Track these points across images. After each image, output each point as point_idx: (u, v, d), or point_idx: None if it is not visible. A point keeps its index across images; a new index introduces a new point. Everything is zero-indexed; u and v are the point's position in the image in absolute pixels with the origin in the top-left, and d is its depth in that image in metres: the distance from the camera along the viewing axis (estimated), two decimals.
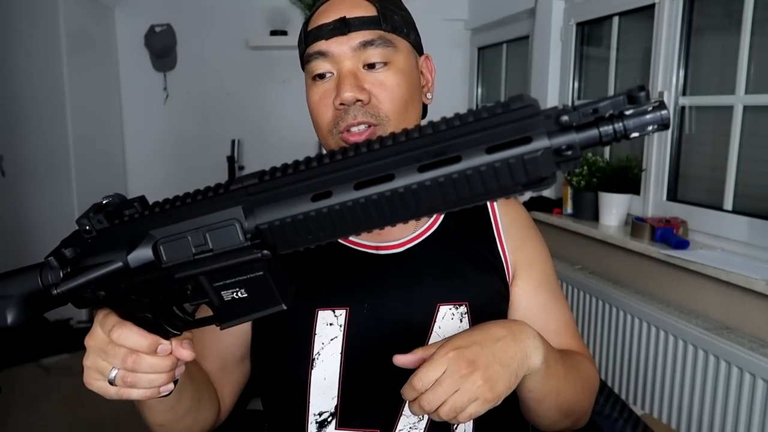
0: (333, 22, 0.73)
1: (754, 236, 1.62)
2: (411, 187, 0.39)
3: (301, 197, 0.42)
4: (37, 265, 0.52)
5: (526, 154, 0.37)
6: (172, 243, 0.46)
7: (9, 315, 0.51)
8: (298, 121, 3.57)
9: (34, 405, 2.45)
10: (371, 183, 0.40)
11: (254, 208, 0.44)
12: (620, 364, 1.88)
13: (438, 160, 0.38)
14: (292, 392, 0.78)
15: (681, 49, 1.90)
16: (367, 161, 0.40)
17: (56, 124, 3.07)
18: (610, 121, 0.37)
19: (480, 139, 0.38)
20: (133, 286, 0.49)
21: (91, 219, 0.49)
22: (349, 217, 0.41)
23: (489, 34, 3.25)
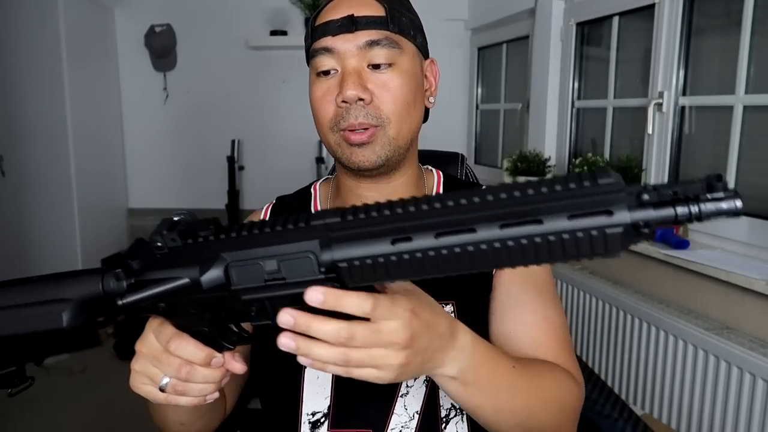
0: (341, 19, 0.73)
1: (754, 236, 1.62)
2: (492, 243, 0.41)
3: (382, 239, 0.43)
4: (98, 270, 0.53)
5: (608, 227, 0.39)
6: (243, 267, 0.48)
7: (65, 317, 0.52)
8: (298, 121, 3.58)
9: (34, 405, 2.45)
10: (453, 233, 0.42)
11: (333, 243, 0.45)
12: (620, 364, 1.88)
13: (522, 221, 0.40)
14: (286, 391, 0.79)
15: (681, 49, 1.90)
16: (450, 213, 0.42)
17: (56, 124, 3.08)
18: (686, 202, 0.39)
19: (564, 206, 0.40)
20: (197, 302, 0.50)
21: (165, 237, 0.51)
22: (427, 263, 0.43)
23: (489, 34, 3.25)
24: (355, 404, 0.76)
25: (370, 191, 0.82)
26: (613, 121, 2.32)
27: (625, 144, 2.27)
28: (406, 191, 0.83)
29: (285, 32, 3.44)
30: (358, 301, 0.47)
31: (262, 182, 3.65)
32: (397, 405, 0.76)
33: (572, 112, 2.55)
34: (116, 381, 2.68)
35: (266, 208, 0.91)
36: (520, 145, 2.92)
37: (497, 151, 3.28)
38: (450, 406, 0.77)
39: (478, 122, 3.51)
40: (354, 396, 0.76)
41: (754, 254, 1.62)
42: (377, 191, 0.81)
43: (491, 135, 3.39)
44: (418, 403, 0.76)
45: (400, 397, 0.76)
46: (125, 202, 3.70)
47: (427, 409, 0.76)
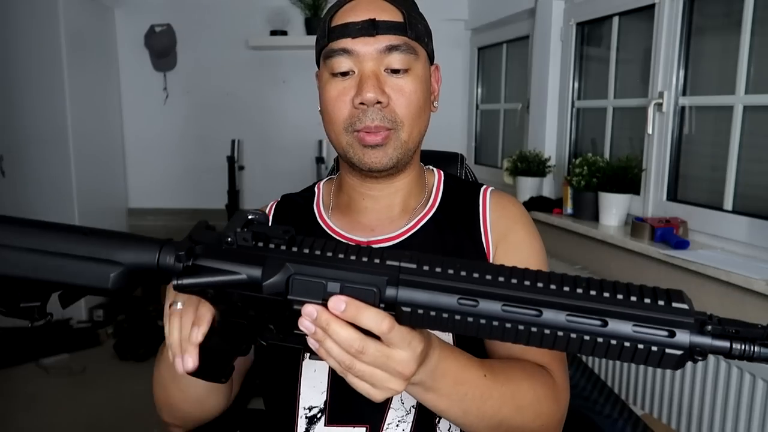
0: (362, 22, 0.74)
1: (754, 236, 1.62)
2: (556, 330, 0.43)
3: (450, 295, 0.46)
4: (157, 241, 0.54)
5: (668, 347, 0.42)
6: (305, 282, 0.49)
7: (112, 279, 0.53)
8: (298, 121, 3.59)
9: (34, 405, 2.45)
10: (519, 308, 0.44)
11: (400, 285, 0.47)
12: (620, 364, 1.88)
13: (586, 316, 0.43)
14: (284, 384, 0.80)
15: (681, 49, 1.90)
16: (522, 289, 0.44)
17: (56, 123, 3.08)
18: (743, 341, 0.42)
19: (632, 315, 0.42)
20: (246, 298, 0.51)
21: (238, 235, 0.51)
22: (485, 328, 0.45)
23: (489, 34, 3.25)
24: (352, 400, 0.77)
25: (372, 190, 0.83)
26: (613, 121, 2.32)
27: (625, 144, 2.27)
28: (408, 191, 0.84)
29: (285, 32, 3.43)
30: (378, 318, 0.49)
31: (262, 182, 3.65)
32: (393, 400, 0.77)
33: (572, 112, 2.55)
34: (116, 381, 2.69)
35: (271, 206, 0.92)
36: (520, 145, 2.93)
37: (497, 151, 3.28)
38: None
39: (478, 122, 3.51)
40: (350, 392, 0.76)
41: (754, 254, 1.62)
42: (379, 191, 0.83)
43: (491, 135, 3.39)
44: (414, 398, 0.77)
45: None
46: (125, 202, 3.70)
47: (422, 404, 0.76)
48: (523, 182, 2.56)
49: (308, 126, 3.56)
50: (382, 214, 0.84)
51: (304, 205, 0.89)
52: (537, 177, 2.55)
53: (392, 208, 0.84)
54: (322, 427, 0.77)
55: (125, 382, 2.61)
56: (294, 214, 0.89)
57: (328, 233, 0.84)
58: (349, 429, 0.77)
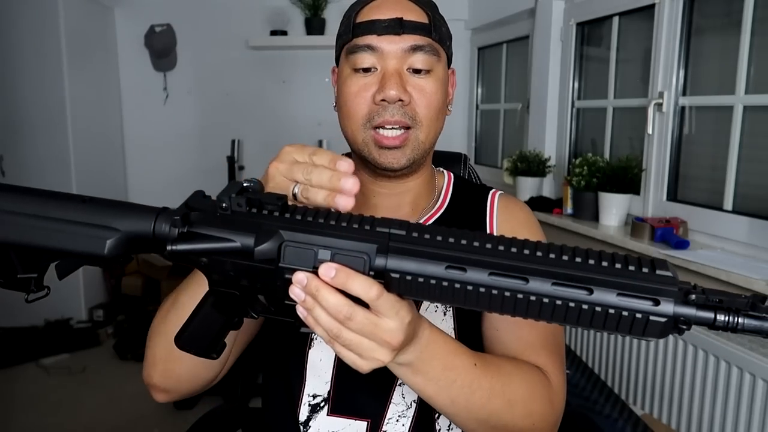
0: (388, 20, 0.75)
1: (754, 236, 1.62)
2: (541, 297, 0.43)
3: (438, 263, 0.46)
4: (153, 209, 0.55)
5: (652, 315, 0.42)
6: (297, 249, 0.50)
7: (108, 245, 0.53)
8: (298, 121, 3.59)
9: (34, 405, 2.45)
10: (506, 276, 0.44)
11: (390, 252, 0.48)
12: (620, 364, 1.88)
13: (574, 285, 0.43)
14: (291, 369, 0.80)
15: (681, 49, 1.90)
16: (509, 257, 0.45)
17: (56, 123, 3.08)
18: (727, 312, 0.41)
19: (617, 283, 0.43)
20: (239, 267, 0.52)
21: (233, 200, 0.51)
22: (473, 296, 0.45)
23: (489, 34, 3.25)
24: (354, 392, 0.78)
25: (383, 188, 0.83)
26: (613, 121, 2.32)
27: (625, 144, 2.27)
28: (419, 191, 0.85)
29: (285, 32, 3.43)
30: (366, 285, 0.48)
31: None
32: (395, 394, 0.77)
33: (572, 112, 2.55)
34: (116, 381, 2.69)
35: None
36: (520, 145, 2.93)
37: (497, 151, 3.28)
38: None
39: (478, 122, 3.51)
40: (353, 383, 0.78)
41: (754, 254, 1.62)
42: (390, 189, 0.83)
43: (491, 135, 3.39)
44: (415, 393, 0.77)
45: (398, 387, 0.78)
46: None
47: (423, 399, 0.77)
48: (523, 182, 2.56)
49: (308, 126, 3.55)
50: (390, 212, 0.84)
51: None
52: (537, 177, 2.55)
53: (401, 207, 0.84)
54: (325, 416, 0.78)
55: (125, 382, 2.61)
56: None
57: None
58: (350, 421, 0.78)
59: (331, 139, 3.54)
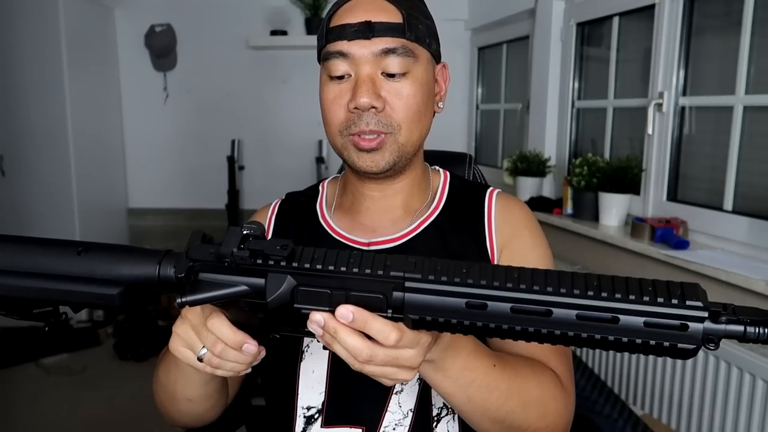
0: (357, 24, 0.73)
1: (754, 236, 1.62)
2: (566, 331, 0.43)
3: (457, 300, 0.45)
4: (155, 254, 0.54)
5: (681, 342, 0.41)
6: (311, 292, 0.49)
7: (118, 298, 0.54)
8: (298, 121, 3.59)
9: (34, 405, 2.45)
10: (529, 312, 0.43)
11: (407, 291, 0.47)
12: (620, 364, 1.88)
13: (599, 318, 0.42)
14: (283, 383, 0.80)
15: (681, 50, 1.90)
16: (532, 291, 0.44)
17: (56, 123, 3.08)
18: (757, 325, 0.41)
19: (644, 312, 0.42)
20: (254, 305, 0.52)
21: (236, 256, 0.50)
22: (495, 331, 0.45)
23: (489, 34, 3.25)
24: (349, 401, 0.77)
25: (372, 191, 0.83)
26: (613, 121, 2.32)
27: (625, 144, 2.27)
28: (409, 192, 0.84)
29: (285, 32, 3.43)
30: (386, 330, 0.49)
31: (262, 182, 3.65)
32: (391, 403, 0.76)
33: (572, 112, 2.55)
34: (116, 381, 2.69)
35: (275, 204, 0.91)
36: (520, 145, 2.93)
37: (497, 151, 3.28)
38: (441, 405, 0.77)
39: (478, 122, 3.51)
40: (348, 393, 0.77)
41: (754, 254, 1.62)
42: (379, 191, 0.82)
43: (491, 135, 3.39)
44: (412, 400, 0.76)
45: (394, 395, 0.77)
46: (125, 202, 3.70)
47: (420, 407, 0.76)
48: (523, 182, 2.56)
49: (308, 126, 3.55)
50: (382, 215, 0.83)
51: (307, 204, 0.89)
52: (537, 177, 2.55)
53: (393, 209, 0.83)
54: (319, 428, 0.77)
55: (125, 382, 2.61)
56: (297, 212, 0.88)
57: (329, 233, 0.84)
58: (346, 430, 0.76)
59: None
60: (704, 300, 0.42)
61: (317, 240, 0.83)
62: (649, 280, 0.44)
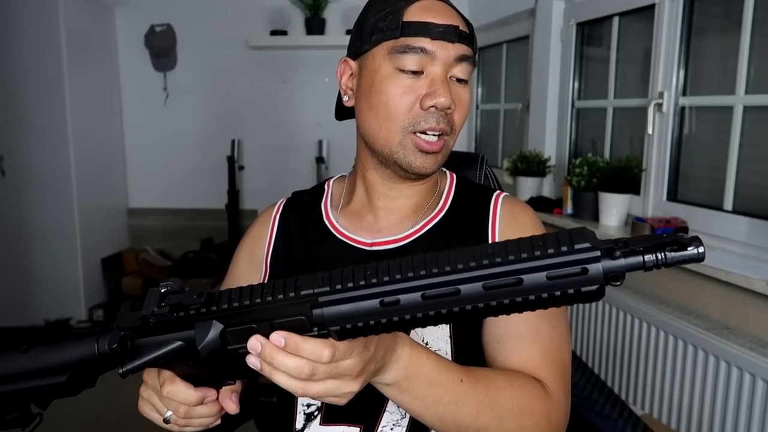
0: (445, 26, 0.74)
1: (754, 236, 1.62)
2: (477, 304, 0.45)
3: (371, 302, 0.47)
4: (91, 334, 0.57)
5: (584, 285, 0.43)
6: (238, 331, 0.51)
7: (70, 385, 0.57)
8: (298, 121, 3.59)
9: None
10: (439, 295, 0.45)
11: (324, 307, 0.49)
12: (620, 364, 1.88)
13: (505, 284, 0.44)
14: None
15: (681, 50, 1.90)
16: (435, 274, 0.45)
17: (56, 123, 3.08)
18: (654, 251, 0.42)
19: (542, 266, 0.43)
20: (195, 357, 0.53)
21: (157, 315, 0.53)
22: (414, 322, 0.46)
23: (489, 34, 3.25)
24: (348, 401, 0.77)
25: (392, 191, 0.83)
26: (613, 121, 2.32)
27: (625, 144, 2.27)
28: (423, 193, 0.85)
29: (285, 32, 3.44)
30: (317, 349, 0.50)
31: (262, 182, 3.65)
32: (389, 403, 0.76)
33: (572, 112, 2.55)
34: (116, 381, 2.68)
35: (280, 204, 0.91)
36: (520, 145, 2.92)
37: (497, 151, 3.28)
38: None
39: (478, 122, 3.51)
40: None
41: (754, 254, 1.62)
42: (399, 191, 0.83)
43: (491, 135, 3.39)
44: None
45: None
46: (125, 202, 3.71)
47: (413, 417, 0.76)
48: (523, 182, 2.56)
49: (308, 126, 3.56)
50: (392, 214, 0.83)
51: (312, 203, 0.89)
52: (537, 177, 2.55)
53: (403, 209, 0.83)
54: (318, 425, 0.78)
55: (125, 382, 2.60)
56: (302, 212, 0.88)
57: (333, 233, 0.84)
58: (344, 428, 0.77)
59: (330, 139, 3.55)
60: (592, 240, 0.43)
61: (321, 240, 0.84)
62: (539, 236, 0.45)
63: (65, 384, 0.56)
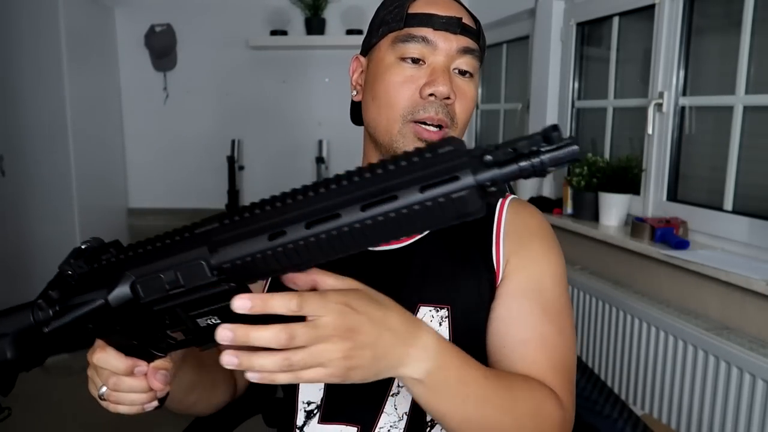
0: (447, 17, 0.76)
1: (754, 236, 1.62)
2: (355, 225, 0.43)
3: (259, 237, 0.46)
4: (29, 304, 0.57)
5: (454, 193, 0.41)
6: (147, 281, 0.51)
7: (8, 351, 0.57)
8: (298, 121, 3.59)
9: (34, 405, 2.44)
10: (320, 222, 0.44)
11: (218, 248, 0.48)
12: (620, 364, 1.88)
13: (378, 200, 0.42)
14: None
15: (681, 49, 1.90)
16: (316, 202, 0.45)
17: (56, 123, 3.08)
18: (528, 157, 0.41)
19: (414, 179, 0.42)
20: (117, 319, 0.53)
21: (73, 265, 0.54)
22: (302, 252, 0.45)
23: (489, 34, 3.24)
24: (346, 400, 0.77)
25: None
26: (613, 121, 2.32)
27: (625, 144, 2.27)
28: None
29: (285, 32, 3.43)
30: (284, 300, 0.47)
31: (262, 182, 3.65)
32: (387, 404, 0.76)
33: (572, 112, 2.55)
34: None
35: None
36: None
37: None
38: None
39: (478, 122, 3.51)
40: (345, 391, 0.77)
41: (754, 254, 1.62)
42: None
43: (491, 135, 3.39)
44: (407, 403, 0.76)
45: (390, 397, 0.76)
46: (125, 201, 3.70)
47: (414, 411, 0.76)
48: (523, 182, 2.56)
49: (308, 126, 3.56)
50: None
51: None
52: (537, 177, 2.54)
53: None
54: (317, 423, 0.78)
55: None
56: None
57: None
58: (342, 427, 0.77)
59: (331, 139, 3.54)
60: (458, 145, 0.42)
61: None
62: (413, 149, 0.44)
63: (5, 348, 0.56)
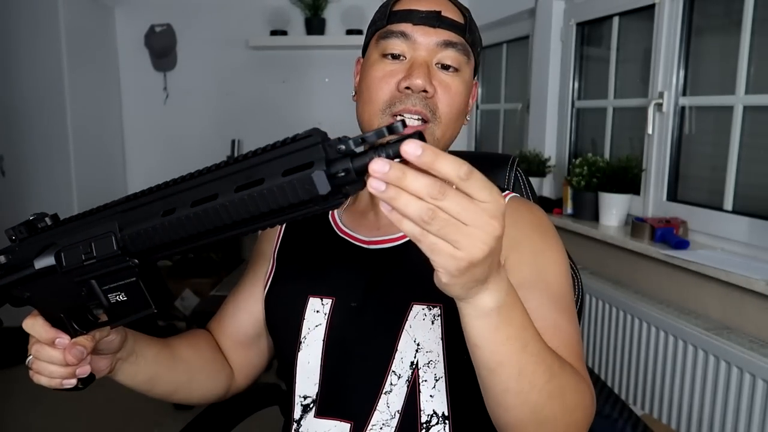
0: (427, 12, 0.75)
1: (754, 236, 1.62)
2: (226, 203, 0.47)
3: (155, 214, 0.51)
4: None
5: (306, 177, 0.44)
6: (69, 251, 0.55)
7: None
8: (298, 121, 3.58)
9: (34, 405, 2.45)
10: (202, 201, 0.49)
11: (125, 223, 0.53)
12: (620, 364, 1.88)
13: (249, 182, 0.47)
14: (286, 371, 0.83)
15: (681, 49, 1.90)
16: (201, 184, 0.50)
17: (56, 123, 3.08)
18: (382, 148, 0.43)
19: (279, 165, 0.46)
20: (48, 288, 0.58)
21: (15, 230, 0.59)
22: (189, 227, 0.49)
23: (489, 34, 3.25)
24: (341, 395, 0.78)
25: None
26: (613, 121, 2.32)
27: (625, 144, 2.27)
28: None
29: (285, 32, 3.44)
30: (456, 163, 0.41)
31: None
32: (380, 402, 0.76)
33: (572, 112, 2.55)
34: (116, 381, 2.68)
35: None
36: (520, 145, 2.92)
37: (497, 151, 3.28)
38: (432, 413, 0.76)
39: (478, 122, 3.51)
40: (340, 387, 0.78)
41: (754, 254, 1.62)
42: None
43: (491, 135, 3.39)
44: (400, 402, 0.76)
45: (384, 394, 0.76)
46: None
47: (407, 411, 0.76)
48: None
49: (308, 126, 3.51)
50: None
51: None
52: (537, 177, 2.55)
53: None
54: (312, 417, 0.79)
55: None
56: None
57: (334, 230, 0.85)
58: (335, 422, 0.78)
59: None
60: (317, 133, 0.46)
61: (323, 238, 0.85)
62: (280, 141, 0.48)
63: None
